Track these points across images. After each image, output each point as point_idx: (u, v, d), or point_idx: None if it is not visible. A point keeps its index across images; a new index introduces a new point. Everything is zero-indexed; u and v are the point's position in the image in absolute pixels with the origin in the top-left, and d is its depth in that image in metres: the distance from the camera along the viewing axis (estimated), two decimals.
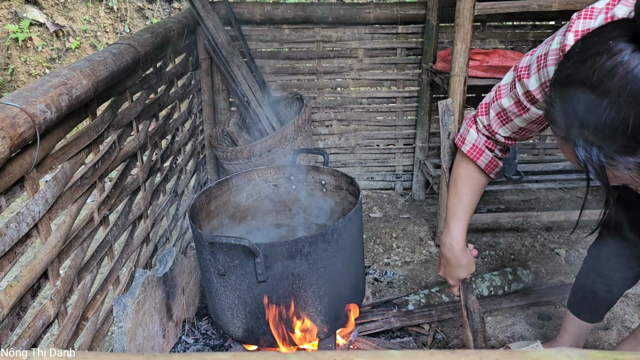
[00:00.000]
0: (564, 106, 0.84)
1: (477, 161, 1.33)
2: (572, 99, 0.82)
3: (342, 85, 3.12)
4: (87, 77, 1.36)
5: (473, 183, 1.37)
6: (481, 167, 1.34)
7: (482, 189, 1.40)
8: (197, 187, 2.82)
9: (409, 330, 2.02)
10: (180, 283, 1.89)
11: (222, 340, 1.90)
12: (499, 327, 2.08)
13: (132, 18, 4.47)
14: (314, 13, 2.87)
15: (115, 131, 1.70)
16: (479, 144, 1.32)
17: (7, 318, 1.09)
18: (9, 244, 1.07)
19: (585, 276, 1.71)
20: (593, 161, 0.82)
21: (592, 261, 1.68)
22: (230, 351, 1.60)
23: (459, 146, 1.36)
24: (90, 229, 1.51)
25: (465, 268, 1.45)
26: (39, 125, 1.11)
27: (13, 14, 4.32)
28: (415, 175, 3.20)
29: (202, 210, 1.85)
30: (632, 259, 1.56)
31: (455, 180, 1.39)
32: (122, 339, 1.45)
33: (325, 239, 1.55)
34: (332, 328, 1.72)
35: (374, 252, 2.66)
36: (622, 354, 0.38)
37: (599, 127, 0.78)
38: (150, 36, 1.97)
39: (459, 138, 1.37)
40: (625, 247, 1.56)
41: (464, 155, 1.36)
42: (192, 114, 2.76)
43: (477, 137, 1.32)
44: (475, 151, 1.33)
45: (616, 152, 0.79)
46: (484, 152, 1.33)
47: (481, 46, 3.01)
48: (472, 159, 1.34)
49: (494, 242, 2.70)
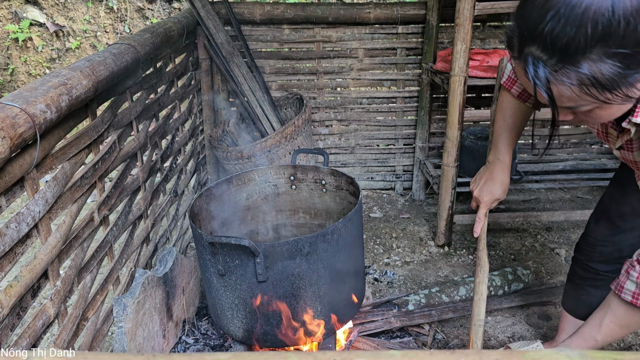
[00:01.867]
0: (518, 24, 0.93)
1: (511, 90, 1.45)
2: (523, 16, 0.92)
3: (342, 85, 3.12)
4: (87, 77, 1.36)
5: (515, 108, 1.47)
6: (514, 95, 1.45)
7: (525, 115, 1.48)
8: (197, 187, 2.82)
9: (409, 330, 2.01)
10: (180, 283, 1.89)
11: (222, 340, 1.90)
12: (499, 327, 2.08)
13: (132, 18, 4.47)
14: (314, 13, 2.87)
15: (115, 131, 1.70)
16: (512, 75, 1.45)
17: (7, 318, 1.09)
18: (9, 244, 1.07)
19: (573, 272, 1.75)
20: (539, 76, 0.91)
21: (578, 254, 1.71)
22: (230, 351, 1.60)
23: (501, 78, 1.52)
24: (90, 229, 1.51)
25: (503, 188, 1.51)
26: (39, 126, 1.11)
27: (13, 14, 4.32)
28: (415, 175, 3.20)
29: (202, 210, 1.85)
30: (613, 250, 1.59)
31: (500, 106, 1.52)
32: (122, 339, 1.45)
33: (325, 239, 1.55)
34: (332, 328, 1.72)
35: (374, 252, 2.66)
36: (622, 354, 0.38)
37: (543, 40, 0.87)
38: (150, 36, 1.97)
39: (502, 74, 1.53)
40: (606, 237, 1.60)
41: (502, 86, 1.49)
42: (192, 114, 2.76)
43: (512, 69, 1.43)
44: (510, 81, 1.45)
45: (559, 62, 0.88)
46: (516, 82, 1.44)
47: (481, 46, 3.01)
48: (507, 88, 1.46)
49: (494, 242, 2.70)
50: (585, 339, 1.24)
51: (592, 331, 1.23)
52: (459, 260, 2.55)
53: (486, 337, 2.03)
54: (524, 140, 3.32)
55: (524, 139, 3.32)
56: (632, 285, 1.18)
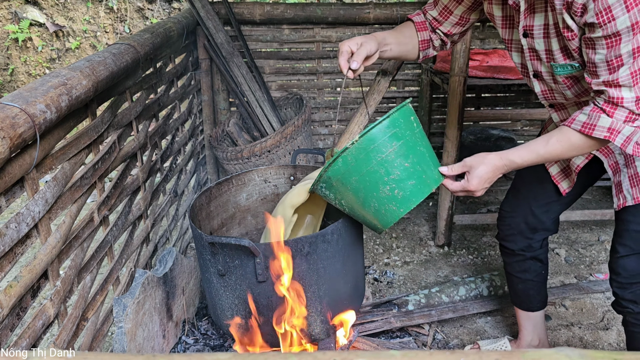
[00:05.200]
0: None
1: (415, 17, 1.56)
2: None
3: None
4: (87, 77, 1.36)
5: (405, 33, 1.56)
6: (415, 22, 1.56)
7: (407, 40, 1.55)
8: (197, 187, 2.82)
9: (409, 330, 2.01)
10: (180, 283, 1.89)
11: (222, 340, 1.90)
12: (498, 327, 2.08)
13: (132, 18, 4.47)
14: (314, 13, 2.87)
15: (115, 131, 1.70)
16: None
17: (7, 318, 1.09)
18: (9, 244, 1.07)
19: (504, 264, 1.81)
20: None
21: (498, 239, 1.77)
22: (230, 351, 1.60)
23: None
24: (90, 229, 1.51)
25: None
26: (39, 126, 1.11)
27: (13, 14, 4.32)
28: None
29: (202, 211, 1.85)
30: (520, 221, 1.65)
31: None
32: (122, 339, 1.45)
33: (325, 239, 1.55)
34: (332, 328, 1.72)
35: (374, 252, 2.66)
36: (622, 353, 0.38)
37: None
38: (150, 36, 1.97)
39: None
40: (511, 206, 1.67)
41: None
42: (192, 114, 2.76)
43: None
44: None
45: None
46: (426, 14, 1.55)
47: (481, 46, 3.01)
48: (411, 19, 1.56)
49: (493, 242, 2.70)
50: (529, 151, 1.29)
51: (538, 146, 1.29)
52: (459, 260, 2.55)
53: (486, 336, 2.03)
54: (523, 140, 3.32)
55: (524, 138, 3.32)
56: (584, 117, 1.23)
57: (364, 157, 1.30)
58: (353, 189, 1.36)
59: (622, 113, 1.18)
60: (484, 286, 2.17)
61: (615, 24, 1.07)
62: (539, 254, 1.69)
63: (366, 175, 1.32)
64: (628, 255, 1.41)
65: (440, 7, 1.50)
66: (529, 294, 1.76)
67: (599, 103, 1.21)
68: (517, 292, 1.79)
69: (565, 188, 1.54)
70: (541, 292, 1.77)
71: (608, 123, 1.19)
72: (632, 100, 1.16)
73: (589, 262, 2.51)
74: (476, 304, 2.09)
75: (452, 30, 1.53)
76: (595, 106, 1.21)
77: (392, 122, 1.31)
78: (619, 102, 1.17)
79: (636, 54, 1.11)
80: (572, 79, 1.30)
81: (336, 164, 1.34)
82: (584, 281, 2.33)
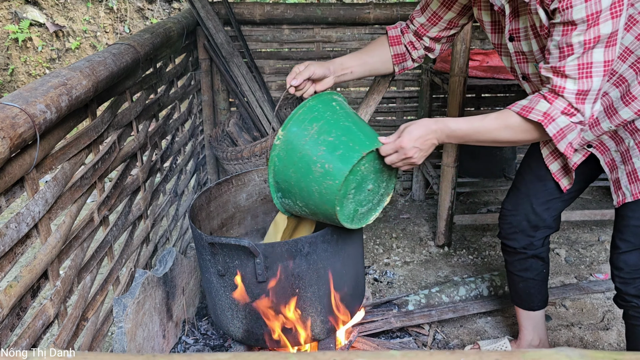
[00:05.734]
0: None
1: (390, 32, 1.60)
2: None
3: (342, 86, 3.12)
4: (87, 77, 1.36)
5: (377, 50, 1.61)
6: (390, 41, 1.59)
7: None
8: (197, 187, 2.82)
9: (409, 330, 2.02)
10: (180, 283, 1.89)
11: (222, 340, 1.90)
12: (499, 327, 2.08)
13: (132, 18, 4.47)
14: (313, 13, 2.87)
15: (115, 131, 1.70)
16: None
17: (7, 318, 1.09)
18: (9, 244, 1.07)
19: (505, 262, 1.81)
20: None
21: (499, 237, 1.77)
22: (230, 351, 1.60)
23: None
24: (90, 229, 1.51)
25: None
26: (39, 126, 1.11)
27: (13, 14, 4.32)
28: (415, 176, 3.20)
29: (202, 211, 1.85)
30: (521, 219, 1.66)
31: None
32: (122, 339, 1.45)
33: (325, 239, 1.55)
34: (332, 328, 1.72)
35: (374, 252, 2.66)
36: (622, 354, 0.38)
37: None
38: (150, 36, 1.97)
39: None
40: (512, 205, 1.67)
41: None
42: (192, 114, 2.76)
43: None
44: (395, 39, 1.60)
45: None
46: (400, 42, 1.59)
47: (481, 46, 3.01)
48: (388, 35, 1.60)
49: (493, 242, 2.70)
50: (466, 121, 1.32)
51: (476, 119, 1.31)
52: (459, 261, 2.55)
53: (486, 337, 2.03)
54: None
55: None
56: (525, 101, 1.26)
57: (292, 146, 1.35)
58: (296, 182, 1.38)
59: (561, 103, 1.20)
60: (484, 286, 2.17)
61: (572, 12, 1.09)
62: (540, 252, 1.69)
63: (299, 162, 1.35)
64: (630, 250, 1.42)
65: (429, 14, 1.52)
66: (530, 293, 1.76)
67: (542, 91, 1.24)
68: (518, 291, 1.79)
69: (566, 185, 1.55)
70: (542, 292, 1.77)
71: (545, 108, 1.22)
72: (573, 93, 1.18)
73: (589, 262, 2.51)
74: (476, 304, 2.09)
75: (440, 34, 1.55)
76: (539, 93, 1.25)
77: (310, 108, 1.37)
78: (561, 92, 1.19)
79: (587, 46, 1.12)
80: None
81: (272, 164, 1.39)
82: (584, 281, 2.33)
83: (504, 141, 1.32)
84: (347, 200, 1.37)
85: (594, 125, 1.39)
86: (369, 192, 1.42)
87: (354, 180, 1.35)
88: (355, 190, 1.37)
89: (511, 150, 2.85)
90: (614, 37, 1.13)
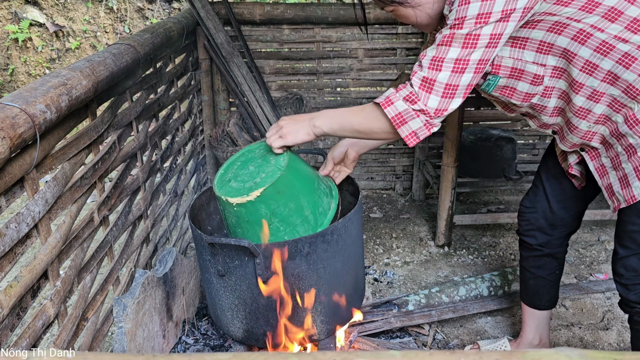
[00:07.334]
0: None
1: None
2: None
3: (342, 86, 3.12)
4: (87, 77, 1.36)
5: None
6: None
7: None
8: (197, 187, 2.82)
9: (409, 330, 2.02)
10: (180, 283, 1.89)
11: (222, 340, 1.90)
12: (499, 327, 2.08)
13: (132, 18, 4.47)
14: (314, 13, 2.87)
15: (115, 131, 1.70)
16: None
17: (7, 318, 1.09)
18: (9, 244, 1.07)
19: (520, 257, 1.81)
20: None
21: (518, 234, 1.77)
22: (230, 351, 1.60)
23: None
24: (90, 229, 1.51)
25: None
26: (39, 126, 1.11)
27: (13, 14, 4.32)
28: (415, 176, 3.20)
29: (202, 211, 1.85)
30: (538, 217, 1.67)
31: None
32: (122, 339, 1.45)
33: (325, 239, 1.55)
34: (332, 328, 1.72)
35: (374, 252, 2.66)
36: (622, 353, 0.38)
37: None
38: (150, 36, 1.97)
39: None
40: (531, 202, 1.68)
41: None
42: (192, 114, 2.76)
43: None
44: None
45: None
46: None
47: None
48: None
49: (493, 242, 2.70)
50: (336, 112, 1.37)
51: (345, 109, 1.37)
52: (459, 261, 2.55)
53: (486, 337, 2.03)
54: (523, 140, 3.32)
55: (524, 139, 3.32)
56: (389, 92, 1.28)
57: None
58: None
59: (407, 90, 1.23)
60: (484, 286, 2.17)
61: (453, 11, 1.17)
62: (557, 252, 1.69)
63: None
64: (628, 256, 1.41)
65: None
66: (539, 292, 1.76)
67: None
68: (527, 287, 1.79)
69: (579, 183, 1.55)
70: (551, 292, 1.77)
71: (389, 93, 1.25)
72: (419, 78, 1.21)
73: (589, 262, 2.51)
74: (476, 304, 2.09)
75: None
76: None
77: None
78: (412, 77, 1.23)
79: (442, 40, 1.18)
80: (504, 89, 1.36)
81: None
82: (584, 281, 2.33)
83: (364, 130, 1.34)
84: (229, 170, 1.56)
85: (573, 129, 1.37)
86: (249, 171, 1.54)
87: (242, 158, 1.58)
88: (239, 167, 1.55)
89: (511, 150, 2.85)
90: (475, 40, 1.17)
